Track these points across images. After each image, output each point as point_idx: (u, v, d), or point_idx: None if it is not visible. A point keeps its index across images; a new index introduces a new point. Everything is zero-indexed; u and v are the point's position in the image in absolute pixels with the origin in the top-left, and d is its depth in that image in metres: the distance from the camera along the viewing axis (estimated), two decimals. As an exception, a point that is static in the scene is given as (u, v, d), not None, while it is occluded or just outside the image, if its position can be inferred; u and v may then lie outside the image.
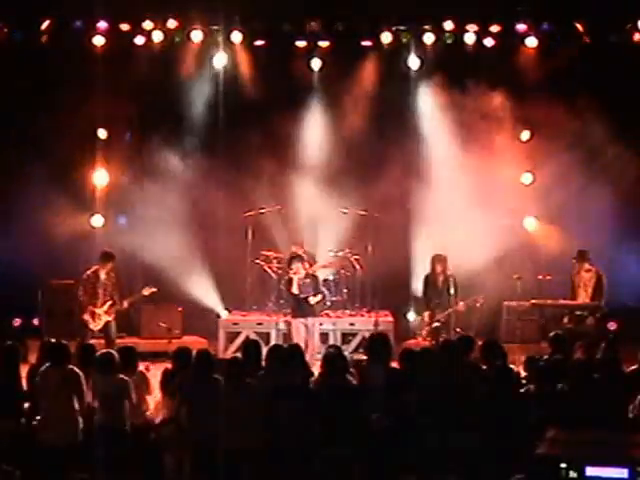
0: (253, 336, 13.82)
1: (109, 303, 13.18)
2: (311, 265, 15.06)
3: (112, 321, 13.24)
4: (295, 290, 13.40)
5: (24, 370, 9.90)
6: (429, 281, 13.76)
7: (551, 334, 10.62)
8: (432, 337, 13.32)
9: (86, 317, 13.12)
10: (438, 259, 13.71)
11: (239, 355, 9.92)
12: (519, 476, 7.55)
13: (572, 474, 6.23)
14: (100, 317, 13.14)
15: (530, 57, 15.31)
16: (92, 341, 12.44)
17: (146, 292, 13.55)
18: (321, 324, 13.97)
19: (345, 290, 15.21)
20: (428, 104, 15.50)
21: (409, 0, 14.86)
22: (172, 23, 15.26)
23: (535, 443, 6.73)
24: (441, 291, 13.61)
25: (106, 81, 14.92)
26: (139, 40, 15.29)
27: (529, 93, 15.10)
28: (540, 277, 14.74)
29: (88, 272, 13.23)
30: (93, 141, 15.48)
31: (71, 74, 14.83)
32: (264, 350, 9.77)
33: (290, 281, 13.46)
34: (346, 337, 14.67)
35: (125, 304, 13.32)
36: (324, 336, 14.48)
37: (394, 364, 9.60)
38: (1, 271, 14.78)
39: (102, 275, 13.18)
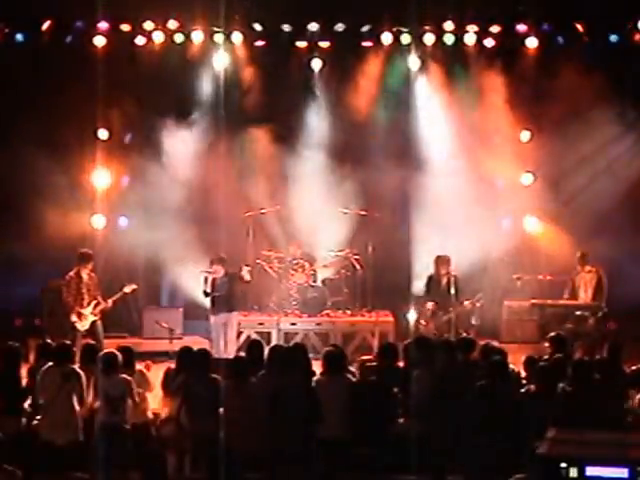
0: (254, 336, 13.87)
1: (94, 303, 13.13)
2: (311, 265, 15.09)
3: (98, 320, 13.19)
4: (208, 289, 13.34)
5: (24, 370, 9.94)
6: (432, 282, 13.78)
7: (551, 334, 10.64)
8: (439, 332, 13.32)
9: (73, 318, 13.08)
10: (442, 260, 13.72)
11: (242, 354, 9.96)
12: (519, 476, 7.56)
13: (572, 474, 6.24)
14: (86, 317, 13.07)
15: (530, 57, 15.34)
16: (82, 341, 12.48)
17: (127, 289, 13.52)
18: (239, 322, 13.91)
19: (345, 290, 15.21)
20: (428, 104, 15.50)
21: (409, 0, 14.87)
22: (173, 24, 15.29)
23: (535, 443, 6.75)
24: (443, 292, 13.61)
25: (106, 81, 14.90)
26: (140, 40, 15.31)
27: (529, 93, 15.11)
28: (540, 277, 14.74)
29: (70, 274, 13.17)
30: (93, 141, 15.49)
31: (72, 74, 14.83)
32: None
33: (206, 280, 13.37)
34: (346, 337, 14.66)
35: (109, 303, 13.25)
36: (323, 336, 14.52)
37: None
38: (2, 271, 14.82)
39: (84, 276, 13.15)
